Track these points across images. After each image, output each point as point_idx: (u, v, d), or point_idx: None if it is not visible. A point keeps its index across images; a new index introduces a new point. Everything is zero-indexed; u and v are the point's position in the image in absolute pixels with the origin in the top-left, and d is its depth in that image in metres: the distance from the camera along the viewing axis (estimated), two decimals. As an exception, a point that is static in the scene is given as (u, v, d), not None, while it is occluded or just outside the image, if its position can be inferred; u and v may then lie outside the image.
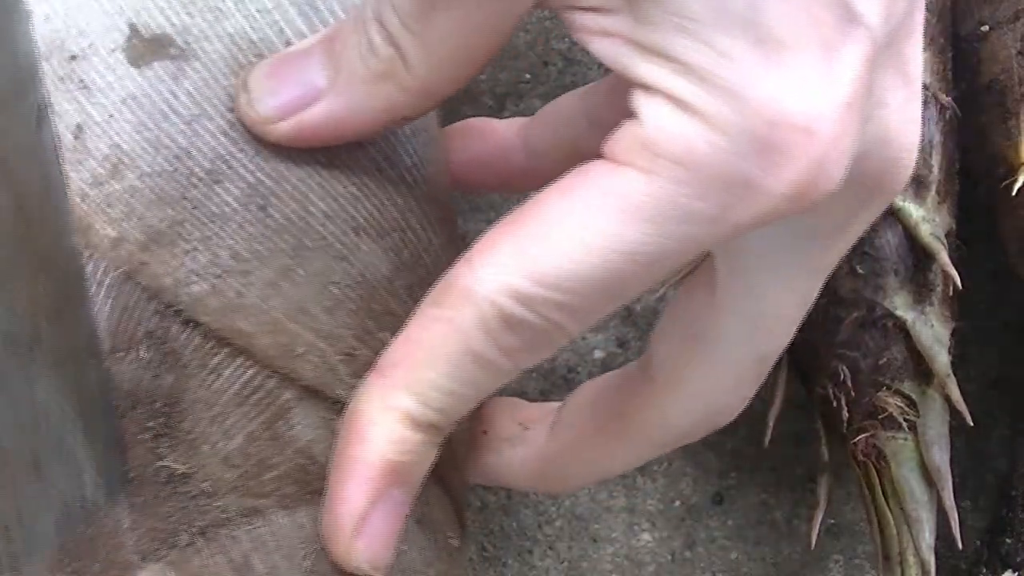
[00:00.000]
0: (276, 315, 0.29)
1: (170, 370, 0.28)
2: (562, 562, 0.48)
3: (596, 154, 0.29)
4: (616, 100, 0.26)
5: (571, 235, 0.25)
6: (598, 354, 0.48)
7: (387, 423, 0.27)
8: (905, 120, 0.27)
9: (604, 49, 0.25)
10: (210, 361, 0.29)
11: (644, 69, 0.25)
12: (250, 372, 0.29)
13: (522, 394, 0.39)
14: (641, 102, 0.25)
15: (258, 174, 0.29)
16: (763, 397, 0.48)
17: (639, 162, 0.25)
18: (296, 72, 0.28)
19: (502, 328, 0.26)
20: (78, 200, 0.28)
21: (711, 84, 0.24)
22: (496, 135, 0.35)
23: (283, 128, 0.28)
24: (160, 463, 0.28)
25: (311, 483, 0.29)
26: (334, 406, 0.30)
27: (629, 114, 0.25)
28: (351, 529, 0.27)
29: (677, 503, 0.48)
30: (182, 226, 0.28)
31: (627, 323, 0.49)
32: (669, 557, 0.48)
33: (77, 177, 0.28)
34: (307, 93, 0.28)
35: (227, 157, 0.29)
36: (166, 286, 0.28)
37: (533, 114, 0.36)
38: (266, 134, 0.28)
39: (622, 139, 0.25)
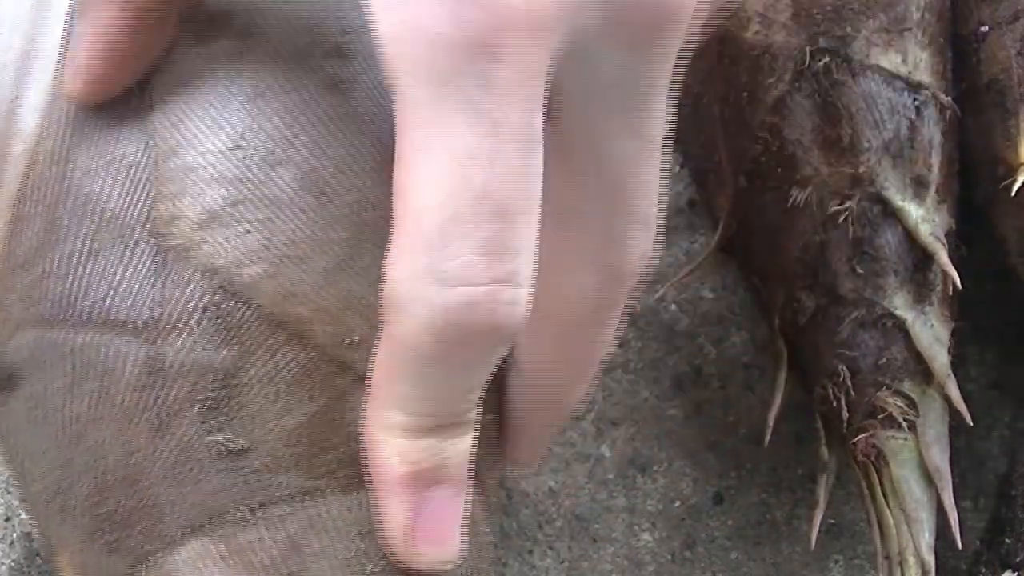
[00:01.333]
0: (331, 304, 0.29)
1: (227, 344, 0.28)
2: (562, 562, 0.48)
3: None
4: None
5: (424, 188, 0.25)
6: (598, 354, 0.48)
7: (390, 440, 0.27)
8: None
9: None
10: (268, 340, 0.28)
11: None
12: (310, 354, 0.29)
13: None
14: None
15: (314, 161, 0.29)
16: (763, 397, 0.48)
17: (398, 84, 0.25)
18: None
19: (437, 314, 0.25)
20: (130, 172, 0.29)
21: None
22: None
23: (76, 86, 0.29)
24: (211, 437, 0.28)
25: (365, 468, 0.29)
26: None
27: None
28: (404, 541, 0.28)
29: (677, 503, 0.48)
30: (238, 207, 0.28)
31: (627, 323, 0.49)
32: (669, 557, 0.48)
33: (131, 149, 0.29)
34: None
35: (285, 141, 0.29)
36: (220, 267, 0.28)
37: None
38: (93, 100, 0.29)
39: None
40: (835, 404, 0.43)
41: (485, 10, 0.24)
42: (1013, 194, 0.42)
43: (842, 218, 0.42)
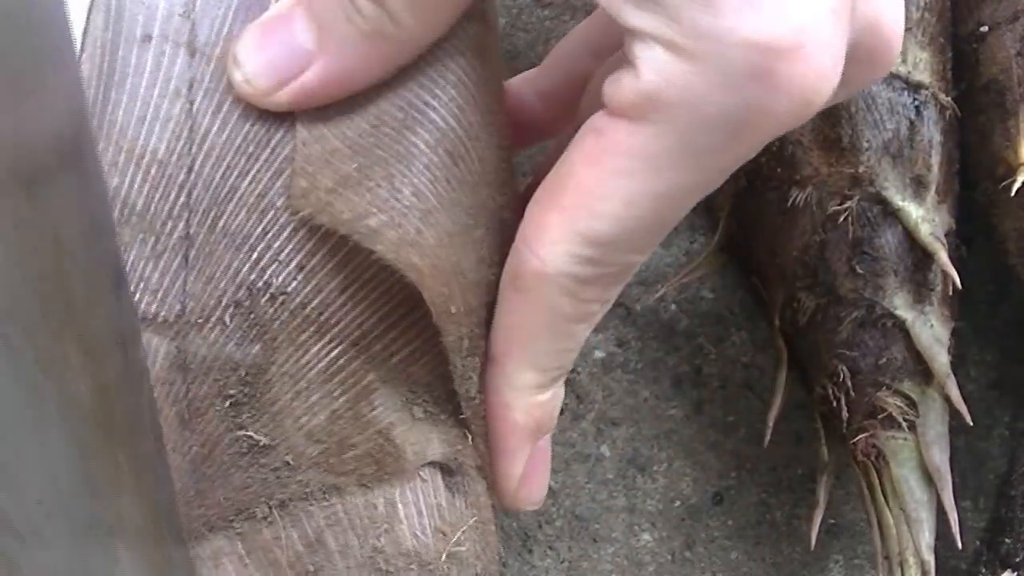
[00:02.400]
0: (445, 266, 0.29)
1: (256, 340, 0.28)
2: (562, 562, 0.48)
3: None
4: (612, 28, 0.27)
5: (611, 202, 0.27)
6: (598, 354, 0.48)
7: (520, 400, 0.31)
8: (890, 3, 0.28)
9: None
10: (298, 337, 0.28)
11: (636, 17, 0.26)
12: (336, 351, 0.29)
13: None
14: (636, 50, 0.26)
15: (451, 121, 0.29)
16: (763, 397, 0.48)
17: (646, 115, 0.26)
18: (282, 39, 0.28)
19: (581, 287, 0.29)
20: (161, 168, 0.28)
21: (697, 25, 0.25)
22: (510, 95, 0.36)
23: (282, 98, 0.28)
24: (240, 432, 0.28)
25: (388, 465, 0.29)
26: (414, 389, 0.30)
27: (627, 61, 0.26)
28: (516, 490, 0.32)
29: (677, 503, 0.48)
30: (371, 169, 0.28)
31: (627, 323, 0.49)
32: (669, 557, 0.48)
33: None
34: (298, 60, 0.28)
35: (423, 102, 0.28)
36: (344, 220, 0.28)
37: None
38: (267, 106, 0.29)
39: (625, 92, 0.26)
40: (835, 404, 0.43)
41: (762, 105, 0.26)
42: (1013, 194, 0.42)
43: (842, 218, 0.42)
